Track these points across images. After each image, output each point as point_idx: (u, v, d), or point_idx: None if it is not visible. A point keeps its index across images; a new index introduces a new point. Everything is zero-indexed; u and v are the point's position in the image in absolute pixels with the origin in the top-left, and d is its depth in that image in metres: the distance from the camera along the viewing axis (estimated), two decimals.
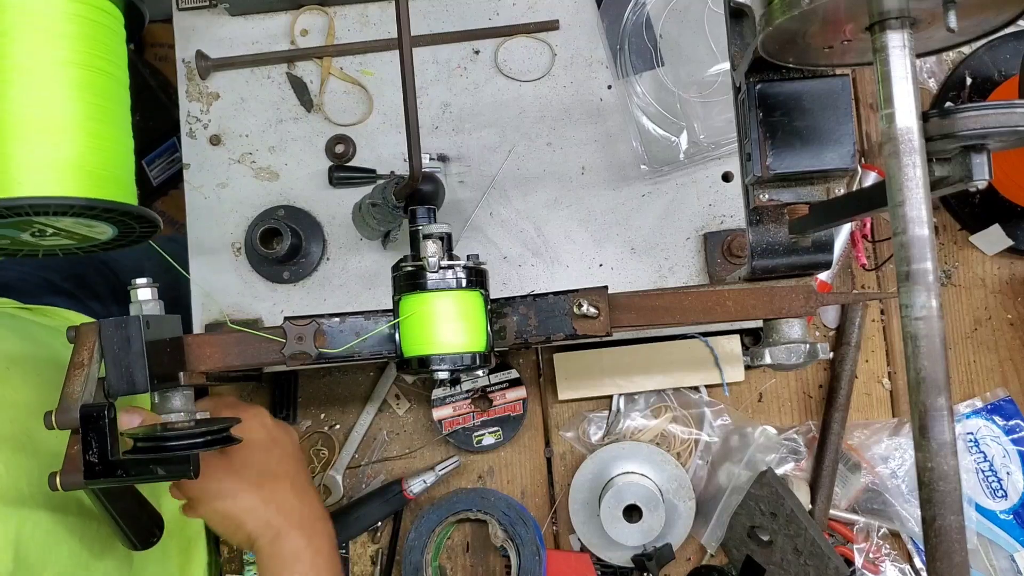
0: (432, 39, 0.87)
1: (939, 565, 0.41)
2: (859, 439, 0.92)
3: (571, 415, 0.95)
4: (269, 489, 0.73)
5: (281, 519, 0.72)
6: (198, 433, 0.57)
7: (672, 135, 0.84)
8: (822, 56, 0.54)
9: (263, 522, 0.71)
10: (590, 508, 0.92)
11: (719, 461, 0.93)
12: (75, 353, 0.62)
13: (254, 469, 0.73)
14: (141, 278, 0.66)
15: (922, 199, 0.42)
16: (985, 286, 0.95)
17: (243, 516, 0.71)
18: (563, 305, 0.67)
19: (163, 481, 0.59)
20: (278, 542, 0.71)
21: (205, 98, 0.87)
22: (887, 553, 0.92)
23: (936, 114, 0.44)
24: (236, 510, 0.71)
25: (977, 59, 0.93)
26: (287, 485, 0.74)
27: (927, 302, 0.41)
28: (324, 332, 0.67)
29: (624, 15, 0.85)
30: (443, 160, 0.85)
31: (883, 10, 0.43)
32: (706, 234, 0.83)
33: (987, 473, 0.93)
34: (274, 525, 0.71)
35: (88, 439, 0.58)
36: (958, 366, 0.95)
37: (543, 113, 0.86)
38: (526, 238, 0.85)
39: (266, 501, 0.72)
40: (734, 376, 0.92)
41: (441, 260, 0.64)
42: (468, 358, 0.65)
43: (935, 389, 0.41)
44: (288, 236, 0.81)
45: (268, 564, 0.71)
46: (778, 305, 0.66)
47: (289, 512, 0.73)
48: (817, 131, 0.59)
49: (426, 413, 0.94)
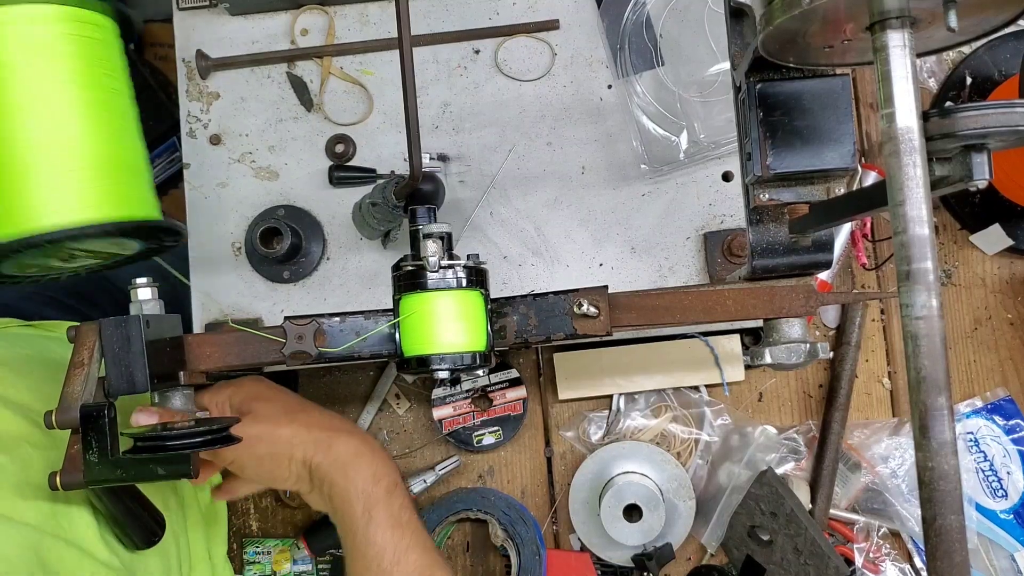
0: (432, 39, 0.87)
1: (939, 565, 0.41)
2: (859, 439, 0.92)
3: (571, 415, 0.95)
4: (301, 417, 0.73)
5: (325, 432, 0.72)
6: (198, 432, 0.57)
7: (672, 135, 0.84)
8: (822, 56, 0.54)
9: (311, 441, 0.71)
10: (590, 508, 0.92)
11: (719, 461, 0.93)
12: (75, 353, 0.62)
13: (277, 409, 0.73)
14: (141, 278, 0.66)
15: (922, 198, 0.42)
16: (985, 286, 0.95)
17: (288, 446, 0.71)
18: (563, 305, 0.67)
19: (163, 481, 0.59)
20: (332, 449, 0.71)
21: (205, 98, 0.87)
22: (887, 553, 0.92)
23: (936, 114, 0.44)
24: (279, 445, 0.71)
25: (977, 59, 0.93)
26: (314, 410, 0.75)
27: (927, 301, 0.41)
28: (324, 332, 0.67)
29: (624, 15, 0.85)
30: (443, 160, 0.85)
31: (883, 10, 0.43)
32: (706, 234, 0.83)
33: (987, 473, 0.93)
34: (322, 439, 0.72)
35: (88, 439, 0.58)
36: (958, 366, 0.95)
37: (543, 113, 0.86)
38: (526, 238, 0.85)
39: (305, 425, 0.72)
40: (734, 376, 0.92)
41: (441, 260, 0.64)
42: (468, 358, 0.65)
43: (935, 388, 0.41)
44: (288, 236, 0.81)
45: (330, 472, 0.71)
46: (778, 305, 0.66)
47: (329, 425, 0.73)
48: (817, 131, 0.59)
49: (426, 413, 0.94)
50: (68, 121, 0.60)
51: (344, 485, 0.70)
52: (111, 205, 0.60)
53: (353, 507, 0.69)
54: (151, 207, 0.64)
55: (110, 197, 0.61)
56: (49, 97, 0.59)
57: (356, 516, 0.69)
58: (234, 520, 0.96)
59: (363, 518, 0.69)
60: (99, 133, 0.61)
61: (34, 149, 0.58)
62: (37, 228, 0.58)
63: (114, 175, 0.61)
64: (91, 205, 0.59)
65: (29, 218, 0.58)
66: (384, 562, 0.68)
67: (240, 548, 0.95)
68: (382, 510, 0.69)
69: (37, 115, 0.59)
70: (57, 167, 0.59)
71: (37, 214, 0.58)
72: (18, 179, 0.58)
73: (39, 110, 0.59)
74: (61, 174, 0.59)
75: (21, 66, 0.59)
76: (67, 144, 0.59)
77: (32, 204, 0.58)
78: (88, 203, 0.59)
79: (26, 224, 0.58)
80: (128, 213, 0.61)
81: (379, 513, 0.69)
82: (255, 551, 0.95)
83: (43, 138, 0.59)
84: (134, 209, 0.62)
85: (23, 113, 0.58)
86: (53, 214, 0.58)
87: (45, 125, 0.59)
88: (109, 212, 0.60)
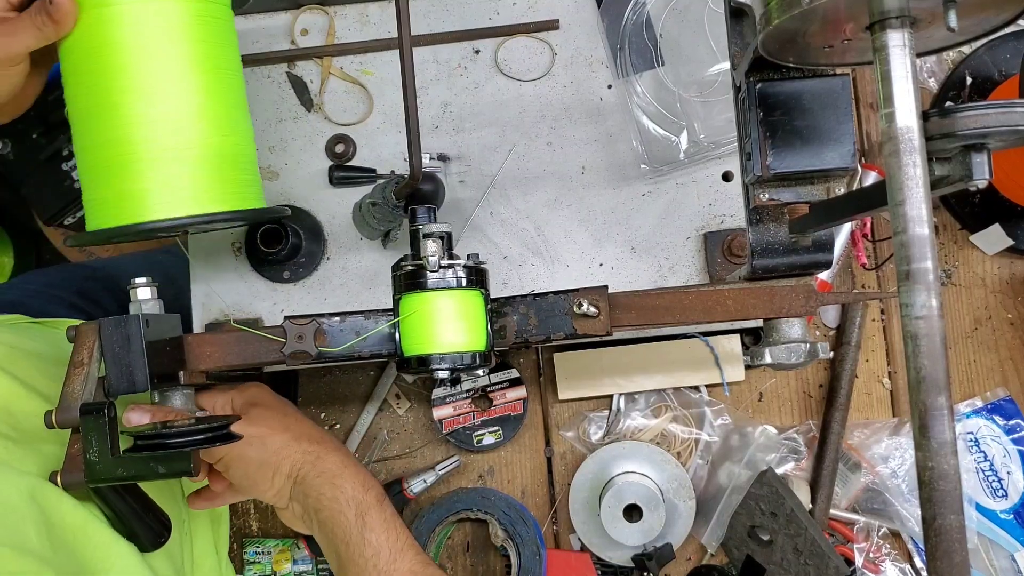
0: (432, 39, 0.87)
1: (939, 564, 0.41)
2: (859, 439, 0.92)
3: (571, 415, 0.95)
4: (295, 429, 0.73)
5: (315, 446, 0.73)
6: (198, 430, 0.57)
7: (672, 134, 0.84)
8: (822, 55, 0.54)
9: (300, 453, 0.72)
10: (590, 508, 0.92)
11: (719, 461, 0.93)
12: (75, 352, 0.62)
13: (274, 417, 0.74)
14: (140, 278, 0.67)
15: (922, 198, 0.42)
16: (985, 286, 0.95)
17: (277, 456, 0.71)
18: (563, 304, 0.67)
19: (163, 479, 0.59)
20: (321, 462, 0.72)
21: None
22: (887, 553, 0.92)
23: (936, 113, 0.44)
24: (269, 452, 0.71)
25: (977, 59, 0.93)
26: (307, 423, 0.75)
27: (927, 301, 0.41)
28: (324, 331, 0.67)
29: (624, 14, 0.85)
30: (443, 159, 0.85)
31: (883, 9, 0.43)
32: (706, 234, 0.83)
33: (987, 473, 0.93)
34: (311, 452, 0.72)
35: (89, 438, 0.58)
36: (958, 366, 0.95)
37: (543, 113, 0.86)
38: (526, 237, 0.85)
39: (296, 437, 0.73)
40: (734, 376, 0.92)
41: (441, 259, 0.64)
42: (468, 357, 0.65)
43: (935, 388, 0.41)
44: (288, 236, 0.81)
45: (317, 484, 0.71)
46: (778, 305, 0.66)
47: (321, 439, 0.74)
48: (817, 130, 0.59)
49: (426, 413, 0.94)
50: (187, 111, 0.63)
51: (334, 494, 0.70)
52: (219, 199, 0.64)
53: (345, 514, 0.70)
54: (256, 197, 0.69)
55: (219, 190, 0.65)
56: (171, 85, 0.62)
57: (350, 522, 0.70)
58: (234, 520, 0.96)
59: (357, 523, 0.69)
60: (215, 123, 0.64)
61: (151, 139, 0.62)
62: (148, 219, 0.62)
63: (225, 167, 0.65)
64: (201, 199, 0.63)
65: (142, 210, 0.62)
66: (381, 562, 0.68)
67: (240, 548, 0.95)
68: (375, 515, 0.70)
69: (158, 103, 0.62)
70: (172, 158, 0.62)
71: (150, 206, 0.62)
72: (134, 168, 0.62)
73: (160, 98, 0.62)
74: (175, 166, 0.62)
75: (147, 51, 0.62)
76: (184, 135, 0.63)
77: (145, 195, 0.62)
78: (198, 197, 0.63)
79: (139, 215, 0.62)
80: (235, 206, 0.65)
81: (372, 518, 0.70)
82: (255, 551, 0.95)
83: (161, 128, 0.62)
84: (241, 201, 0.66)
85: (145, 101, 0.61)
86: (165, 207, 0.62)
87: (164, 114, 0.62)
88: (217, 206, 0.64)
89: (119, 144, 0.62)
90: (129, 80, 0.61)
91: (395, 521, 0.71)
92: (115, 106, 0.62)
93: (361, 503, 0.70)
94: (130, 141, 0.62)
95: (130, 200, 0.63)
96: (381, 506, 0.71)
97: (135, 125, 0.62)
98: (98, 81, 0.62)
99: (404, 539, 0.70)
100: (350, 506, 0.70)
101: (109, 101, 0.62)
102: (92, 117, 0.63)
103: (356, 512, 0.70)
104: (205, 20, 0.64)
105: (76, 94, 0.64)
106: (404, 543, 0.70)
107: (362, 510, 0.70)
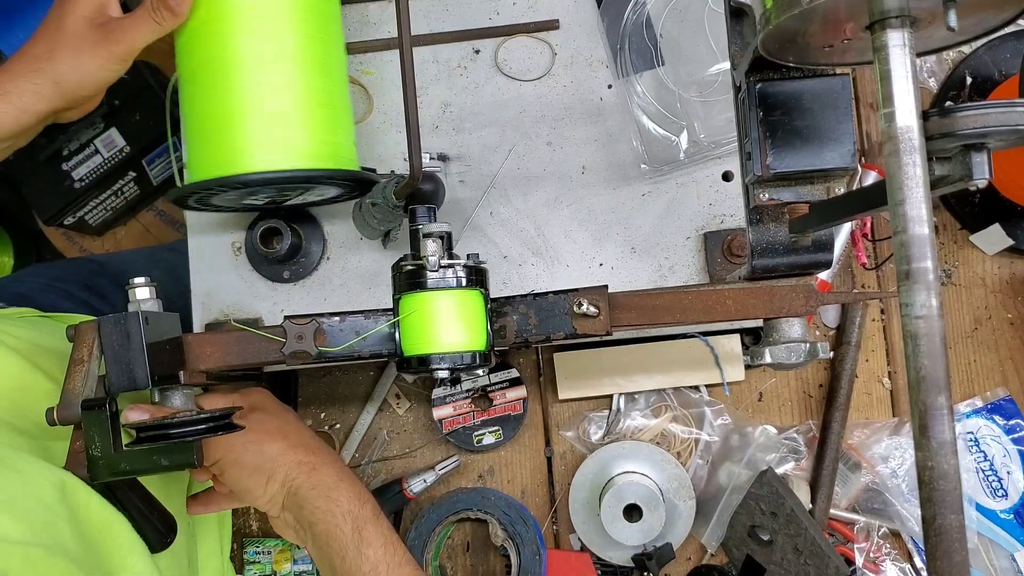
0: (432, 39, 0.87)
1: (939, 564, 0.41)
2: (859, 438, 0.93)
3: (571, 414, 0.95)
4: (293, 437, 0.73)
5: (312, 456, 0.72)
6: (200, 419, 0.57)
7: (672, 134, 0.84)
8: (822, 55, 0.54)
9: (295, 462, 0.71)
10: (590, 507, 0.92)
11: (719, 460, 0.93)
12: (75, 350, 0.62)
13: (273, 424, 0.73)
14: (139, 277, 0.67)
15: (922, 198, 0.42)
16: (985, 285, 0.95)
17: (272, 463, 0.71)
18: (563, 304, 0.67)
19: (167, 472, 0.59)
20: (316, 473, 0.71)
21: None
22: (887, 552, 0.92)
23: (936, 113, 0.44)
24: (264, 459, 0.71)
25: (977, 58, 0.93)
26: (308, 435, 0.75)
27: (927, 301, 0.41)
28: (324, 331, 0.67)
29: (624, 14, 0.85)
30: (443, 159, 0.85)
31: (883, 9, 0.43)
32: (706, 233, 0.83)
33: (987, 472, 0.93)
34: (307, 462, 0.71)
35: (91, 434, 0.58)
36: (958, 365, 0.95)
37: (543, 112, 0.86)
38: (526, 237, 0.85)
39: (293, 445, 0.72)
40: (734, 375, 0.92)
41: (441, 259, 0.64)
42: (468, 357, 0.65)
43: (935, 388, 0.41)
44: (288, 235, 0.81)
45: (311, 496, 0.70)
46: (778, 304, 0.66)
47: (317, 450, 0.73)
48: (817, 130, 0.59)
49: (426, 412, 0.94)
50: (288, 71, 0.67)
51: (329, 507, 0.70)
52: (313, 158, 0.68)
53: (341, 527, 0.69)
54: (349, 159, 0.72)
55: (313, 150, 0.68)
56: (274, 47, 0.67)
57: (346, 536, 0.69)
58: (235, 520, 0.96)
59: (354, 537, 0.69)
60: (313, 84, 0.68)
61: (254, 98, 0.66)
62: (248, 170, 0.66)
63: (320, 126, 0.69)
64: (295, 156, 0.67)
65: (242, 162, 0.66)
66: None
67: (240, 548, 0.95)
68: (372, 529, 0.70)
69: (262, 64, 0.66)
70: (272, 121, 0.67)
71: (250, 159, 0.66)
72: (237, 126, 0.67)
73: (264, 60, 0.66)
74: (275, 127, 0.67)
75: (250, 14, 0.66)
76: (284, 94, 0.67)
77: (246, 149, 0.66)
78: (294, 154, 0.67)
79: (239, 167, 0.66)
80: (327, 165, 0.68)
81: (369, 532, 0.69)
82: (255, 551, 0.95)
83: (263, 87, 0.67)
84: (333, 163, 0.69)
85: (250, 62, 0.66)
86: (263, 161, 0.66)
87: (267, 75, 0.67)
88: (311, 163, 0.67)
89: (225, 106, 0.67)
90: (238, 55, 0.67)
91: (392, 536, 0.71)
92: (224, 75, 0.67)
93: (358, 517, 0.70)
94: (235, 104, 0.67)
95: (232, 153, 0.67)
96: (377, 520, 0.71)
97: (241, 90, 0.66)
98: (210, 53, 0.67)
99: (401, 554, 0.70)
100: (346, 520, 0.69)
101: (219, 70, 0.67)
102: (202, 84, 0.68)
103: (353, 526, 0.69)
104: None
105: (188, 61, 0.69)
106: (402, 558, 0.70)
107: (359, 524, 0.69)
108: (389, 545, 0.70)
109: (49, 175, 1.31)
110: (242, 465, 0.71)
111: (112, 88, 0.72)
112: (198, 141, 0.69)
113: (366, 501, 0.71)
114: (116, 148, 1.29)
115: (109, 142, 1.29)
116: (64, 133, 1.28)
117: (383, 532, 0.70)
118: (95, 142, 1.29)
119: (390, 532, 0.71)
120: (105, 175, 1.31)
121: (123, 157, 1.30)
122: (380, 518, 0.71)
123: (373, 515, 0.71)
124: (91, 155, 1.30)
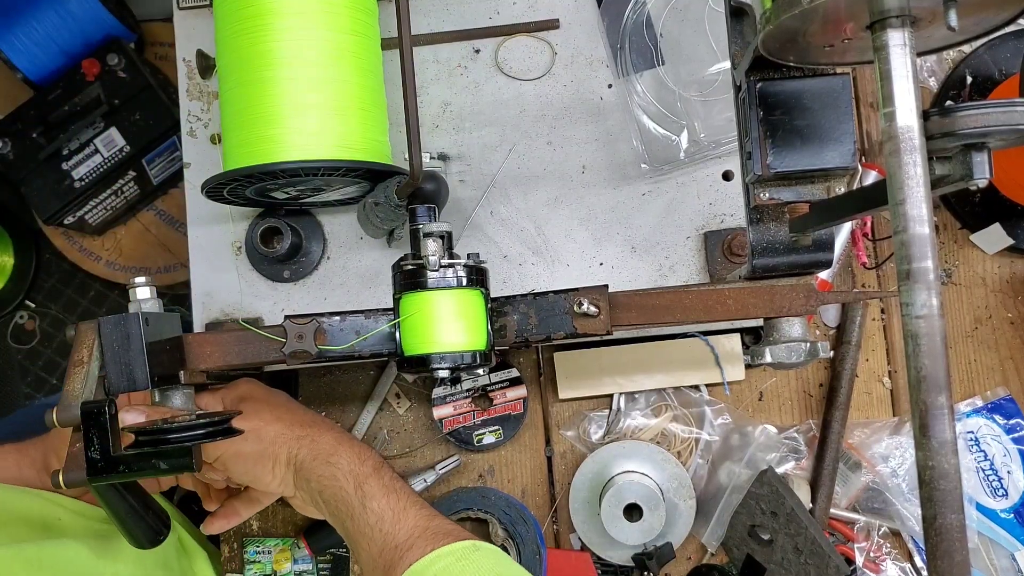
0: (432, 38, 0.87)
1: (940, 564, 0.41)
2: (860, 438, 0.92)
3: (571, 414, 0.95)
4: (287, 417, 0.74)
5: (308, 429, 0.74)
6: (199, 424, 0.57)
7: (673, 134, 0.84)
8: (822, 55, 0.54)
9: (294, 439, 0.73)
10: (590, 507, 0.92)
11: (719, 460, 0.93)
12: (74, 351, 0.62)
13: (266, 409, 0.74)
14: (139, 277, 0.67)
15: (923, 197, 0.42)
16: (986, 285, 0.95)
17: (273, 446, 0.72)
18: (563, 304, 0.67)
19: (165, 475, 0.59)
20: (315, 444, 0.73)
21: (205, 97, 0.87)
22: (888, 552, 0.92)
23: (937, 113, 0.44)
24: (264, 444, 0.72)
25: (977, 58, 0.93)
26: (299, 409, 0.77)
27: (928, 300, 0.41)
28: (324, 331, 0.67)
29: (624, 14, 0.85)
30: (444, 159, 0.85)
31: (883, 9, 0.43)
32: (706, 233, 0.83)
33: (988, 472, 0.93)
34: (305, 436, 0.73)
35: (90, 436, 0.58)
36: (958, 365, 0.95)
37: (543, 112, 0.86)
38: (526, 237, 0.85)
39: (289, 424, 0.74)
40: (735, 375, 0.92)
41: (441, 259, 0.64)
42: (468, 357, 0.65)
43: (936, 388, 0.41)
44: (288, 235, 0.81)
45: (314, 466, 0.72)
46: (778, 304, 0.66)
47: (313, 423, 0.75)
48: (817, 130, 0.59)
49: (426, 412, 0.94)
50: (325, 66, 0.70)
51: (331, 472, 0.71)
52: (346, 150, 0.70)
53: (345, 488, 0.70)
54: (381, 155, 0.74)
55: (347, 143, 0.71)
56: (312, 43, 0.70)
57: (350, 495, 0.70)
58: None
59: (357, 495, 0.70)
60: (349, 79, 0.71)
61: (292, 91, 0.70)
62: (282, 159, 0.69)
63: (353, 124, 0.72)
64: (329, 147, 0.70)
65: (278, 151, 0.69)
66: (385, 525, 0.68)
67: (240, 548, 0.95)
68: (373, 483, 0.71)
69: (300, 60, 0.70)
70: (308, 113, 0.70)
71: (285, 149, 0.69)
72: (275, 117, 0.70)
73: (302, 56, 0.70)
74: (311, 120, 0.70)
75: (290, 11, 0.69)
76: (321, 95, 0.70)
77: (282, 139, 0.69)
78: (327, 145, 0.70)
79: (275, 156, 0.69)
80: (359, 157, 0.71)
81: (371, 486, 0.70)
82: (255, 550, 0.95)
83: (303, 87, 0.70)
84: (365, 155, 0.72)
85: (289, 57, 0.69)
86: (297, 150, 0.69)
87: (305, 69, 0.70)
88: (344, 155, 0.70)
89: (264, 97, 0.70)
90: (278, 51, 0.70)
91: (395, 484, 0.71)
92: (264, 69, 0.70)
93: (358, 475, 0.71)
94: (274, 96, 0.70)
95: (268, 143, 0.69)
96: (379, 473, 0.71)
97: (280, 81, 0.70)
98: (249, 50, 0.70)
99: (406, 498, 0.70)
100: (348, 480, 0.70)
101: (259, 64, 0.70)
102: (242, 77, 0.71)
103: (354, 484, 0.70)
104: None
105: (227, 54, 0.72)
106: (406, 502, 0.70)
107: (359, 481, 0.70)
108: (391, 493, 0.70)
109: (49, 175, 1.31)
110: (245, 455, 0.71)
111: (112, 88, 0.72)
112: (236, 129, 0.71)
113: (367, 458, 0.72)
114: (116, 148, 1.29)
115: (109, 142, 1.29)
116: (64, 133, 1.28)
117: (384, 483, 0.71)
118: (95, 142, 1.29)
119: (392, 480, 0.72)
120: (105, 175, 1.31)
121: (123, 157, 1.30)
122: (381, 470, 0.72)
123: (374, 470, 0.72)
124: (91, 155, 1.30)
